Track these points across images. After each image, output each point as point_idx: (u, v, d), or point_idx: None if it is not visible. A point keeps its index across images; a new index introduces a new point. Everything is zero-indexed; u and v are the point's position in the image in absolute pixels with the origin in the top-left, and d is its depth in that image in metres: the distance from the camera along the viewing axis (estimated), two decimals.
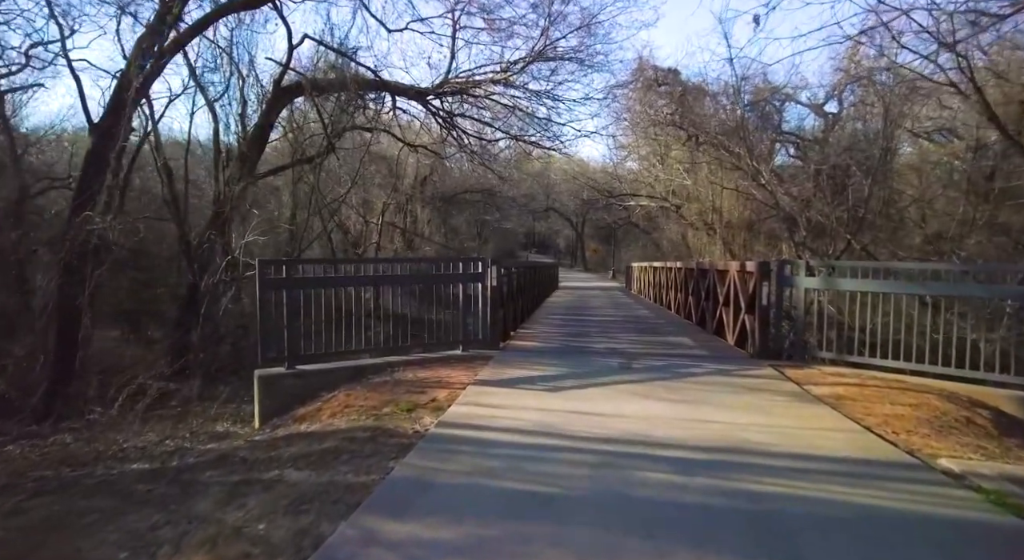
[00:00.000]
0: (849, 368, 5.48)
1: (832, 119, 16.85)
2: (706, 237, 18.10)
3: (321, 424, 4.23)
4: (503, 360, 5.72)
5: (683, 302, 10.48)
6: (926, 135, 16.77)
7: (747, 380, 5.00)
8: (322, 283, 5.51)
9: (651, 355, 6.15)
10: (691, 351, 6.57)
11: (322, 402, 4.79)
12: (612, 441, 3.28)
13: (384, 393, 4.71)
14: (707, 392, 4.54)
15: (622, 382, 4.83)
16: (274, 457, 3.49)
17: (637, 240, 33.67)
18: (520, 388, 4.59)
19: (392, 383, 5.00)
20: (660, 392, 4.50)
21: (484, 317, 6.20)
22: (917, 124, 15.97)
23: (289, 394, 5.20)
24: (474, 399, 4.24)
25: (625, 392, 4.49)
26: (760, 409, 4.03)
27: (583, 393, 4.45)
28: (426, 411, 4.16)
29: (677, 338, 7.62)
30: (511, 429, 3.49)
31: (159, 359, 9.45)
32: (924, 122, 16.18)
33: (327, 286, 5.48)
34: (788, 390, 4.65)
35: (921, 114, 15.59)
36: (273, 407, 5.13)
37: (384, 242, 19.84)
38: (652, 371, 5.31)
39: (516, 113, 13.17)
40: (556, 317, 10.43)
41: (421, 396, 4.53)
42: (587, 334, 7.93)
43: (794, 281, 5.88)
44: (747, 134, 11.71)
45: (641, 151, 23.02)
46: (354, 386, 5.00)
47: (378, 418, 4.12)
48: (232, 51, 11.20)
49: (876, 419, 3.89)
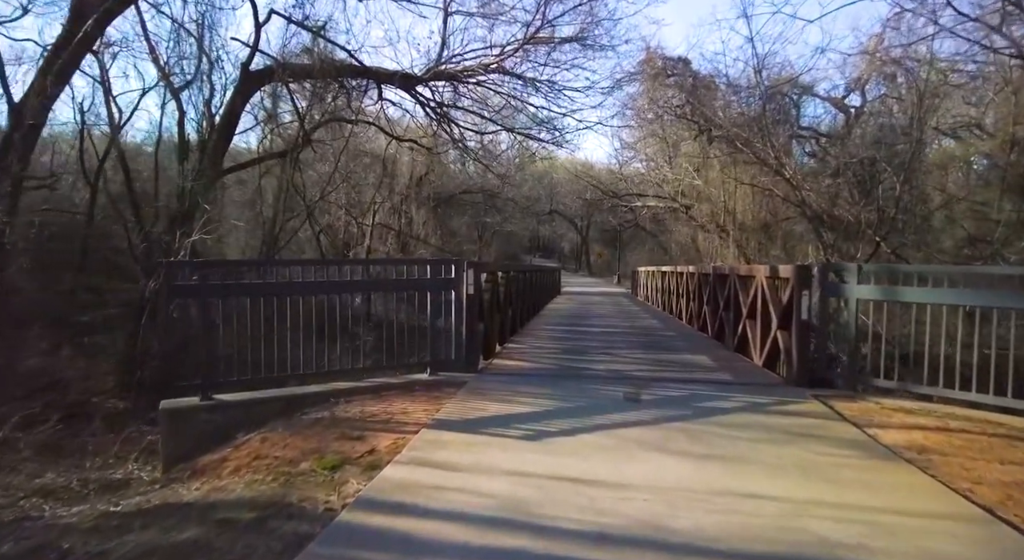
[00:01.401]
0: (915, 401, 4.29)
1: (855, 113, 15.66)
2: (718, 240, 16.90)
3: (212, 486, 3.09)
4: (478, 388, 4.57)
5: (696, 312, 9.29)
6: (951, 132, 15.60)
7: (791, 420, 3.82)
8: (245, 290, 4.38)
9: (664, 381, 4.98)
10: (712, 375, 5.39)
11: (232, 448, 3.66)
12: (610, 541, 2.12)
13: (312, 438, 3.57)
14: (743, 441, 3.36)
15: (628, 424, 3.67)
16: (106, 553, 2.35)
17: (643, 243, 32.50)
18: (490, 433, 3.43)
19: (328, 422, 3.86)
20: (679, 441, 3.33)
21: (458, 333, 5.05)
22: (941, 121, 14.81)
23: (202, 432, 4.06)
24: (423, 453, 3.09)
25: (632, 441, 3.33)
26: (822, 472, 2.86)
27: (574, 443, 3.28)
28: (356, 470, 3.02)
29: (693, 357, 6.44)
30: (461, 514, 2.33)
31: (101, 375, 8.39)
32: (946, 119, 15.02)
33: (254, 294, 4.35)
34: (850, 437, 3.47)
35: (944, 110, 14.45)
36: (181, 449, 4.00)
37: (377, 245, 18.77)
38: (667, 405, 4.13)
39: (513, 102, 12.04)
40: (553, 328, 9.26)
41: (357, 444, 3.39)
42: (587, 350, 6.75)
43: (843, 290, 4.70)
44: (768, 122, 10.52)
45: (648, 150, 21.86)
46: (277, 426, 3.86)
47: (289, 480, 2.98)
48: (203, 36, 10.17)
49: (992, 491, 2.71)
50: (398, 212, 21.17)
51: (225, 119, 9.87)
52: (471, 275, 5.15)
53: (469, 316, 5.12)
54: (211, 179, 9.23)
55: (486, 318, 5.88)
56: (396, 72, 10.93)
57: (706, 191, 16.73)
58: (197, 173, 8.90)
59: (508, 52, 10.78)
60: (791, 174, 10.20)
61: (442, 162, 22.53)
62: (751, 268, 6.58)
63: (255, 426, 4.01)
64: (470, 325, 5.12)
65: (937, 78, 12.42)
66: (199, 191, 8.58)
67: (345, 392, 4.44)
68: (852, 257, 11.15)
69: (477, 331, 5.38)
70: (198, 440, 4.01)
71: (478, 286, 5.42)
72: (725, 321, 7.35)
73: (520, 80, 11.73)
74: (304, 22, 9.43)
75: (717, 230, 16.34)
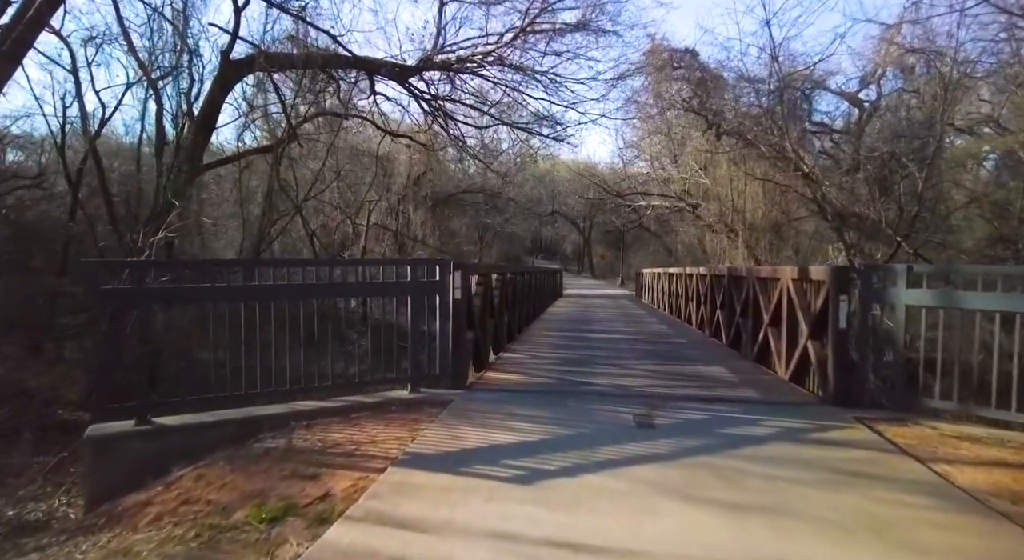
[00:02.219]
0: (979, 426, 3.63)
1: (869, 107, 14.99)
2: (726, 240, 16.23)
3: (119, 545, 2.45)
4: (464, 408, 3.92)
5: (708, 317, 8.63)
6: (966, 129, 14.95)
7: (838, 452, 3.16)
8: (189, 296, 3.74)
9: (680, 400, 4.32)
10: (734, 392, 4.73)
11: (163, 487, 3.02)
12: None
13: (257, 475, 2.93)
14: (785, 482, 2.71)
15: (641, 458, 3.01)
16: None
17: (647, 245, 31.85)
18: (472, 473, 2.78)
19: (281, 453, 3.22)
20: (707, 484, 2.68)
21: (443, 343, 4.41)
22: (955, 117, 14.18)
23: (135, 463, 3.43)
24: (386, 503, 2.44)
25: (648, 484, 2.68)
26: (896, 532, 2.21)
27: (577, 488, 2.63)
28: (300, 524, 2.38)
29: (708, 368, 5.78)
30: None
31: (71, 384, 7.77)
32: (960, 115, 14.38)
33: (201, 299, 3.71)
34: (916, 478, 2.81)
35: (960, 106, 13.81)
36: (109, 483, 3.36)
37: (373, 245, 18.14)
38: (687, 433, 3.48)
39: (512, 95, 11.40)
40: (554, 334, 8.61)
41: (309, 486, 2.75)
42: (590, 361, 6.10)
43: (889, 294, 4.04)
44: (785, 112, 9.84)
45: (653, 149, 21.22)
46: (220, 458, 3.22)
47: (214, 538, 2.35)
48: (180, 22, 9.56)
49: None
50: (395, 212, 20.56)
51: (204, 112, 9.26)
52: (458, 278, 4.50)
53: (456, 324, 4.47)
54: (188, 176, 8.60)
55: (477, 326, 5.24)
56: (388, 62, 10.31)
57: (714, 190, 16.06)
58: (173, 169, 8.27)
59: (507, 40, 10.14)
60: (810, 169, 9.51)
61: (440, 161, 21.88)
62: (774, 269, 5.92)
63: (199, 455, 3.37)
64: (457, 334, 4.48)
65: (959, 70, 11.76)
66: (173, 188, 7.95)
67: (308, 413, 3.81)
68: (873, 258, 10.49)
69: (466, 341, 4.74)
70: (130, 473, 3.36)
71: (467, 290, 4.78)
72: (742, 328, 6.69)
73: (519, 71, 11.09)
74: (284, 4, 8.81)
75: (725, 230, 15.67)
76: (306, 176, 14.67)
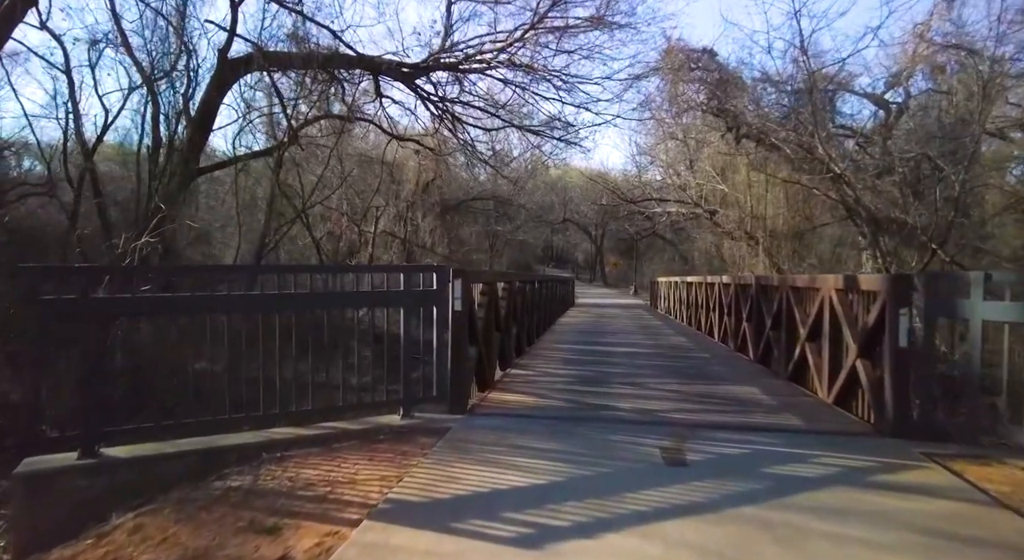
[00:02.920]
0: None
1: (897, 109, 14.31)
2: (746, 248, 15.58)
3: None
4: (461, 440, 3.38)
5: (733, 329, 8.02)
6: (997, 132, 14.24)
7: (916, 503, 2.58)
8: (142, 307, 3.25)
9: (712, 428, 3.74)
10: (774, 419, 4.14)
11: (94, 539, 2.52)
12: None
13: (206, 526, 2.41)
14: (860, 548, 2.13)
15: (675, 509, 2.45)
16: None
17: (661, 253, 31.20)
18: (465, 531, 2.23)
19: (242, 495, 2.70)
20: (760, 549, 2.11)
21: (441, 361, 3.89)
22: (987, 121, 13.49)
23: (77, 504, 2.93)
24: None
25: (688, 547, 2.11)
26: None
27: (597, 554, 2.07)
28: None
29: (739, 388, 5.18)
30: None
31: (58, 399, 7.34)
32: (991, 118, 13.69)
33: (157, 312, 3.23)
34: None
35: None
36: (41, 529, 2.87)
37: (381, 253, 17.74)
38: (725, 473, 2.90)
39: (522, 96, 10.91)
40: (566, 347, 8.04)
41: (265, 545, 2.23)
42: (606, 379, 5.52)
43: (961, 307, 3.45)
44: (817, 109, 9.24)
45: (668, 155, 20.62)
46: (169, 502, 2.71)
47: None
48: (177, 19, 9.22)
49: None
50: (403, 219, 20.18)
51: (200, 112, 8.88)
52: (459, 287, 3.98)
53: (456, 339, 3.95)
54: (182, 179, 8.21)
55: (480, 340, 4.70)
56: (392, 60, 9.89)
57: (732, 195, 15.44)
58: (165, 173, 7.88)
59: (516, 37, 9.67)
60: (842, 170, 8.88)
61: (450, 167, 21.46)
62: (813, 278, 5.32)
63: (152, 494, 2.87)
64: (457, 351, 3.95)
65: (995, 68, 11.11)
66: (164, 192, 7.55)
67: (283, 443, 3.30)
68: (909, 266, 9.82)
69: (467, 358, 4.21)
70: (69, 516, 2.87)
71: (468, 301, 4.25)
72: (773, 342, 6.10)
73: (530, 71, 10.61)
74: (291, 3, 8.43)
75: (745, 237, 15.02)
76: (311, 182, 14.34)
